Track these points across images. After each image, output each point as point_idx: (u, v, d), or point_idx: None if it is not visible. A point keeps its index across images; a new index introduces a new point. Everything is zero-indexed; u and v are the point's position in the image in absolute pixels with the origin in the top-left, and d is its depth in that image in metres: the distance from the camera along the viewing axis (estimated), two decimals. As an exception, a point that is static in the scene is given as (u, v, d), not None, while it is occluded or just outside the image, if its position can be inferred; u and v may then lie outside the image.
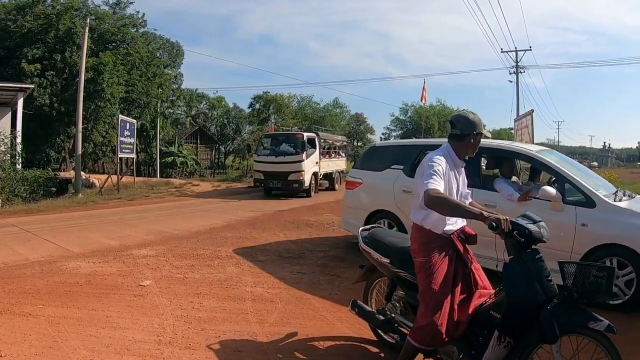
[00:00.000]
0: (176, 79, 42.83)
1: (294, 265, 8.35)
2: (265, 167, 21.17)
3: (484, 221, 3.37)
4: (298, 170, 20.54)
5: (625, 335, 4.38)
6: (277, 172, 20.57)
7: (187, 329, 5.27)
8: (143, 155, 38.88)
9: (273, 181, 20.80)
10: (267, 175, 20.93)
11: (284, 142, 21.96)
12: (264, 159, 21.44)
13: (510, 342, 3.45)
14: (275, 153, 21.39)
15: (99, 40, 28.27)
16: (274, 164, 20.82)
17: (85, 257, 8.72)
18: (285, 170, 20.48)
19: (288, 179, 20.44)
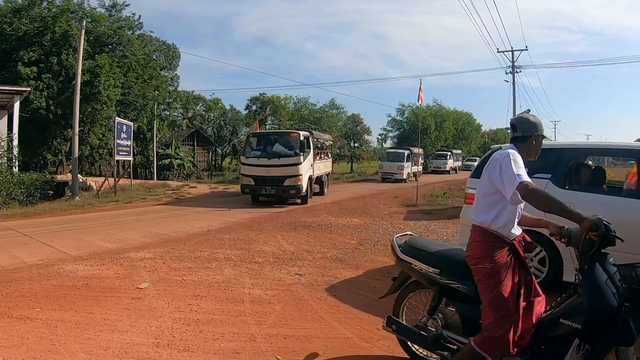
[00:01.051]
0: (172, 81, 42.88)
1: (292, 266, 8.36)
2: (255, 171, 18.56)
3: (582, 222, 3.17)
4: (295, 174, 18.21)
5: None
6: (270, 177, 18.22)
7: (185, 331, 5.27)
8: (140, 157, 38.94)
9: (265, 187, 18.28)
10: (258, 181, 18.39)
11: (277, 142, 19.51)
12: (254, 162, 18.78)
13: (588, 348, 3.28)
14: (267, 155, 18.94)
15: (95, 42, 28.21)
16: (266, 168, 18.29)
17: (82, 260, 8.72)
18: (280, 174, 18.13)
19: (284, 184, 18.13)
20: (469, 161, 60.11)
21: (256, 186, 18.45)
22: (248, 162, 19.01)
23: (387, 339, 5.09)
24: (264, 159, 18.67)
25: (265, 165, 18.43)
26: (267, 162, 18.50)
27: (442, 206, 17.92)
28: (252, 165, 18.75)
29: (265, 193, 18.55)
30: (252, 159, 18.96)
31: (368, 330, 5.40)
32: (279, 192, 18.42)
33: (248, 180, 18.69)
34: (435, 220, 13.87)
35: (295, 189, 18.33)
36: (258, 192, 18.63)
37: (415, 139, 47.37)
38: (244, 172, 19.28)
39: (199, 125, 53.73)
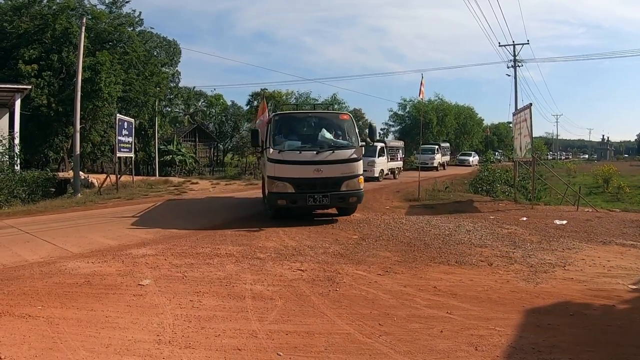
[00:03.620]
0: (174, 77, 42.86)
1: (294, 262, 8.35)
2: (296, 171, 12.31)
3: None
4: (355, 173, 12.61)
5: None
6: (321, 180, 12.30)
7: (186, 328, 5.27)
8: (142, 154, 39.01)
9: (314, 195, 12.15)
10: (300, 186, 12.22)
11: (321, 127, 13.53)
12: (293, 157, 12.44)
13: None
14: (314, 146, 12.85)
15: (96, 39, 28.24)
16: (315, 165, 12.34)
17: (84, 257, 8.71)
18: (336, 174, 12.36)
19: (340, 189, 12.37)
20: (464, 156, 59.64)
21: (298, 195, 12.25)
22: (283, 157, 12.42)
23: (389, 335, 5.11)
24: (309, 153, 12.51)
25: (313, 161, 12.35)
26: (315, 156, 12.43)
27: (444, 201, 17.91)
28: (290, 162, 12.35)
29: (314, 204, 12.40)
30: (289, 153, 12.48)
31: (370, 325, 5.38)
32: (334, 202, 12.60)
33: (283, 186, 12.22)
34: (437, 215, 13.86)
35: (356, 195, 12.70)
36: (301, 203, 12.40)
37: (417, 133, 47.17)
38: (275, 173, 12.41)
39: (201, 121, 53.84)
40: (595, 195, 26.50)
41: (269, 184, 12.61)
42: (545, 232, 11.00)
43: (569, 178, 33.17)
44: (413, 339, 5.03)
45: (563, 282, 7.16)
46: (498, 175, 23.37)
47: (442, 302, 6.25)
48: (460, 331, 5.25)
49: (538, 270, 7.76)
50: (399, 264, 8.19)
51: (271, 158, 12.55)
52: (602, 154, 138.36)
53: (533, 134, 16.52)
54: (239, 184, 27.42)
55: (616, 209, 16.19)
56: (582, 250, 9.21)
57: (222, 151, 56.79)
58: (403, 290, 6.75)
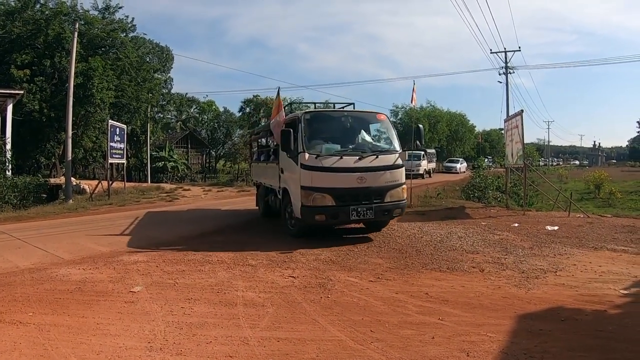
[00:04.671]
0: (166, 84, 42.75)
1: (285, 268, 8.35)
2: (338, 181, 10.41)
3: None
4: (399, 182, 11.12)
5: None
6: (364, 190, 10.55)
7: (178, 335, 5.27)
8: (134, 160, 38.92)
9: (358, 208, 10.39)
10: (342, 198, 10.39)
11: (358, 128, 11.87)
12: (333, 163, 10.46)
13: None
14: (357, 151, 11.03)
15: (89, 45, 28.13)
16: (358, 173, 10.50)
17: (75, 263, 8.71)
18: (380, 184, 10.74)
19: (384, 200, 10.74)
20: (450, 162, 59.45)
21: (339, 208, 10.39)
22: (322, 163, 10.42)
23: (381, 341, 5.12)
24: (350, 158, 10.67)
25: (356, 168, 10.56)
26: (357, 163, 10.62)
27: (435, 207, 17.91)
28: (331, 169, 10.41)
29: (357, 218, 10.61)
30: (328, 159, 10.49)
31: (362, 332, 5.39)
32: (379, 215, 10.83)
33: (321, 198, 10.28)
34: (429, 222, 13.86)
35: (400, 207, 11.19)
36: (342, 218, 10.65)
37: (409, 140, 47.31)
38: (311, 182, 10.34)
39: (193, 128, 53.81)
40: (587, 200, 26.61)
41: (304, 196, 10.32)
42: (537, 238, 11.03)
43: (560, 184, 33.29)
44: (405, 346, 5.04)
45: (554, 287, 7.19)
46: (490, 181, 23.42)
47: (433, 308, 6.27)
48: (451, 337, 5.27)
49: (530, 276, 7.79)
50: (391, 271, 8.21)
51: (306, 164, 10.38)
52: (594, 160, 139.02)
53: (525, 141, 16.58)
54: (231, 191, 27.40)
55: (607, 214, 16.25)
56: (574, 256, 9.25)
57: (215, 158, 56.77)
58: (395, 297, 6.76)
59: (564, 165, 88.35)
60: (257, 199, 16.15)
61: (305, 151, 10.45)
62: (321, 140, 11.11)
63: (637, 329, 5.49)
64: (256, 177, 16.56)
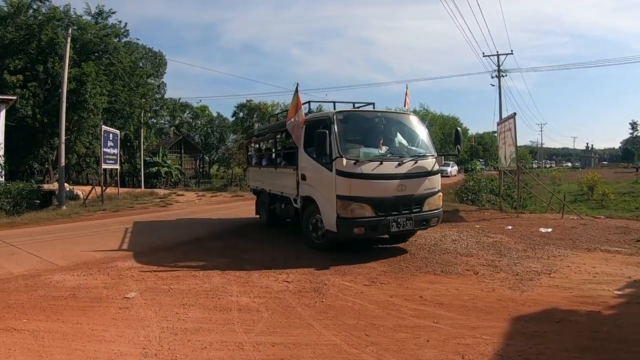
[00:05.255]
0: (159, 89, 42.80)
1: (280, 273, 8.33)
2: (378, 189, 9.29)
3: None
4: (435, 189, 10.20)
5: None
6: (405, 198, 9.52)
7: (172, 341, 5.26)
8: (127, 165, 38.89)
9: (398, 218, 9.36)
10: (382, 207, 9.26)
11: (392, 130, 10.84)
12: (373, 169, 9.28)
13: None
14: (398, 155, 9.93)
15: (82, 50, 28.11)
16: (399, 180, 9.48)
17: (69, 270, 8.68)
18: (420, 191, 9.78)
19: (423, 209, 9.79)
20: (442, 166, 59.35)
21: (378, 219, 9.24)
22: (361, 170, 9.22)
23: (376, 345, 5.13)
24: (390, 164, 9.55)
25: (397, 175, 9.52)
26: (396, 169, 9.55)
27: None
28: (371, 176, 9.27)
29: (397, 230, 9.50)
30: (367, 165, 9.29)
31: (357, 336, 5.40)
32: (418, 225, 9.81)
33: (360, 208, 9.12)
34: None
35: (437, 216, 10.27)
36: (382, 230, 9.55)
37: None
38: (350, 191, 9.17)
39: (186, 133, 53.79)
40: (580, 202, 26.70)
41: (341, 207, 9.15)
42: (531, 240, 11.06)
43: (554, 186, 33.42)
44: (400, 349, 5.05)
45: (549, 289, 7.21)
46: (483, 184, 23.48)
47: (428, 311, 6.28)
48: (446, 340, 5.28)
49: (524, 278, 7.81)
50: (385, 274, 8.21)
51: (343, 171, 9.17)
52: (587, 162, 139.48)
53: (518, 143, 16.62)
54: (225, 196, 27.43)
55: (601, 215, 16.32)
56: (568, 258, 9.29)
57: (208, 163, 56.76)
58: (389, 301, 6.76)
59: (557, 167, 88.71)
60: (258, 207, 15.14)
61: (342, 156, 9.21)
62: (356, 143, 9.97)
63: (631, 329, 5.53)
64: (256, 183, 15.19)
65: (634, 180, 32.68)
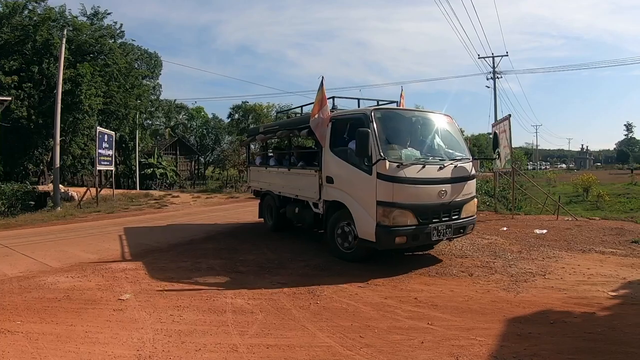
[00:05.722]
0: (154, 90, 42.68)
1: (275, 275, 8.33)
2: (421, 194, 8.54)
3: None
4: (472, 195, 9.62)
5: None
6: (446, 205, 8.85)
7: (167, 343, 5.26)
8: (122, 167, 38.84)
9: (438, 227, 8.66)
10: (425, 214, 8.52)
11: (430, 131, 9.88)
12: (417, 174, 8.48)
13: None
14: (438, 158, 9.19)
15: (77, 51, 28.11)
16: (441, 185, 8.75)
17: (64, 271, 8.65)
18: (458, 196, 9.06)
19: (462, 216, 9.21)
20: None
21: (421, 227, 8.47)
22: (405, 174, 8.39)
23: (370, 347, 5.13)
24: (432, 167, 8.79)
25: (438, 180, 8.79)
26: (438, 173, 8.82)
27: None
28: (414, 181, 8.47)
29: (437, 239, 8.90)
30: (411, 168, 8.46)
31: (351, 338, 5.40)
32: (456, 233, 9.17)
33: (402, 215, 8.32)
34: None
35: (473, 223, 9.73)
36: (423, 240, 8.71)
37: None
38: (392, 197, 8.30)
39: (182, 134, 53.75)
40: (576, 204, 26.75)
41: (382, 214, 8.28)
42: (526, 242, 11.08)
43: (549, 188, 33.46)
44: (394, 351, 5.05)
45: (543, 290, 7.23)
46: (478, 185, 23.50)
47: (422, 313, 6.29)
48: (441, 342, 5.29)
49: (518, 279, 7.82)
50: (380, 276, 8.18)
51: (386, 175, 8.27)
52: (582, 163, 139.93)
53: (513, 145, 16.64)
54: (220, 197, 27.40)
55: (596, 217, 16.33)
56: (562, 259, 9.31)
57: (204, 164, 56.73)
58: (384, 302, 6.76)
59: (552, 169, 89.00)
60: (262, 210, 14.15)
61: (385, 158, 8.26)
62: (396, 145, 9.02)
63: (625, 330, 5.55)
64: (260, 184, 14.32)
65: (629, 182, 32.76)
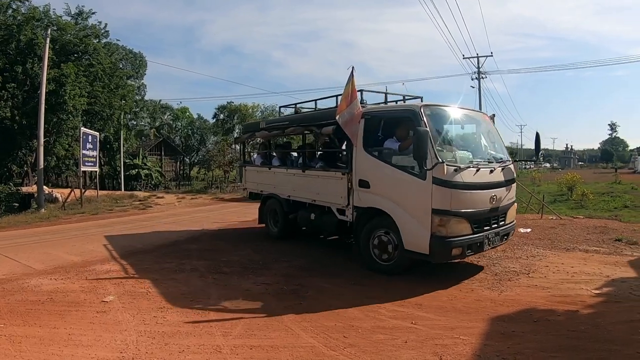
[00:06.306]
0: (139, 90, 42.47)
1: (259, 276, 8.32)
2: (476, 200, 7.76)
3: None
4: (514, 198, 9.17)
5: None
6: (499, 210, 8.27)
7: (150, 345, 5.25)
8: (107, 168, 38.63)
9: (489, 235, 7.96)
10: (478, 223, 7.78)
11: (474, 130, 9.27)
12: (472, 177, 7.68)
13: None
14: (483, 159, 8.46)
15: (61, 51, 27.90)
16: (496, 190, 8.12)
17: (47, 274, 8.61)
18: (505, 201, 8.44)
19: (507, 221, 8.64)
20: None
21: (475, 238, 7.69)
22: (463, 178, 7.54)
23: (354, 347, 5.14)
24: (485, 171, 8.01)
25: (492, 184, 8.10)
26: (489, 176, 8.08)
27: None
28: (471, 186, 7.66)
29: (489, 247, 8.17)
30: (467, 172, 7.61)
31: (335, 338, 5.42)
32: (501, 239, 8.52)
33: (459, 225, 7.50)
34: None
35: (514, 229, 9.27)
36: (475, 250, 7.89)
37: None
38: (450, 205, 7.43)
39: (167, 135, 53.50)
40: (560, 202, 26.79)
41: (438, 224, 7.39)
42: (510, 241, 11.12)
43: (533, 187, 33.57)
44: (377, 350, 5.07)
45: (527, 289, 7.29)
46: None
47: (406, 312, 6.32)
48: (425, 341, 5.31)
49: (502, 278, 7.88)
50: (364, 276, 8.23)
51: (444, 180, 7.36)
52: (566, 163, 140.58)
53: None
54: (205, 198, 27.27)
55: (580, 215, 16.43)
56: (546, 258, 9.39)
57: (189, 165, 56.53)
58: (368, 302, 6.77)
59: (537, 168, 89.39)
60: (264, 215, 12.66)
61: (442, 160, 7.34)
62: (448, 146, 8.17)
63: (609, 328, 5.61)
64: (261, 186, 12.86)
65: (613, 181, 33.00)
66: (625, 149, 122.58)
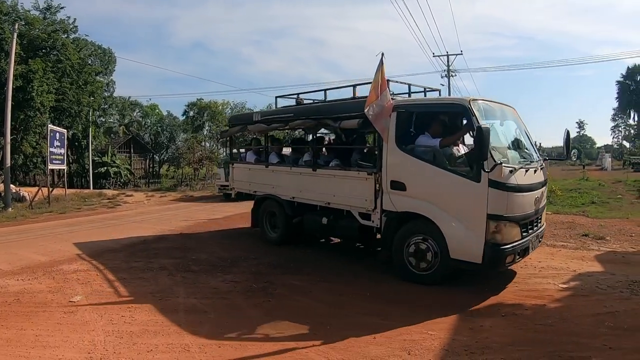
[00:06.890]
0: (108, 87, 41.92)
1: (227, 274, 8.32)
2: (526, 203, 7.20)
3: None
4: (546, 199, 8.79)
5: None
6: (536, 212, 7.68)
7: (118, 344, 5.22)
8: (75, 166, 38.10)
9: (532, 238, 7.47)
10: (525, 227, 7.27)
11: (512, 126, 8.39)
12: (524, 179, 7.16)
13: None
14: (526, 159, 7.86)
15: (29, 46, 27.51)
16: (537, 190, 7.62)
17: (14, 274, 8.50)
18: (543, 202, 8.15)
19: (540, 221, 8.11)
20: None
21: (523, 242, 7.17)
22: (517, 180, 7.01)
23: (324, 344, 5.18)
24: (531, 172, 7.51)
25: (537, 185, 7.69)
26: (536, 177, 7.66)
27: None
28: (524, 188, 7.19)
29: (531, 251, 7.77)
30: (519, 173, 7.10)
31: (304, 335, 5.48)
32: (539, 242, 8.30)
33: (511, 230, 6.94)
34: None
35: (544, 230, 8.87)
36: (522, 255, 7.38)
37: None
38: (506, 209, 6.83)
39: (136, 132, 52.88)
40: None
41: (494, 230, 6.76)
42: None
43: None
44: (347, 347, 5.13)
45: (495, 284, 7.39)
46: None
47: (376, 308, 6.38)
48: (394, 337, 5.38)
49: (471, 273, 7.93)
50: (334, 273, 8.29)
51: (501, 182, 6.74)
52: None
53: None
54: (174, 196, 27.01)
55: (548, 211, 16.67)
56: (514, 253, 9.49)
57: (158, 162, 55.99)
58: (338, 299, 6.84)
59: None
60: (259, 217, 11.49)
61: (499, 162, 6.70)
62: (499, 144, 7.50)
63: (576, 321, 5.74)
64: (254, 186, 11.76)
65: (581, 177, 33.48)
66: (593, 147, 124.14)
